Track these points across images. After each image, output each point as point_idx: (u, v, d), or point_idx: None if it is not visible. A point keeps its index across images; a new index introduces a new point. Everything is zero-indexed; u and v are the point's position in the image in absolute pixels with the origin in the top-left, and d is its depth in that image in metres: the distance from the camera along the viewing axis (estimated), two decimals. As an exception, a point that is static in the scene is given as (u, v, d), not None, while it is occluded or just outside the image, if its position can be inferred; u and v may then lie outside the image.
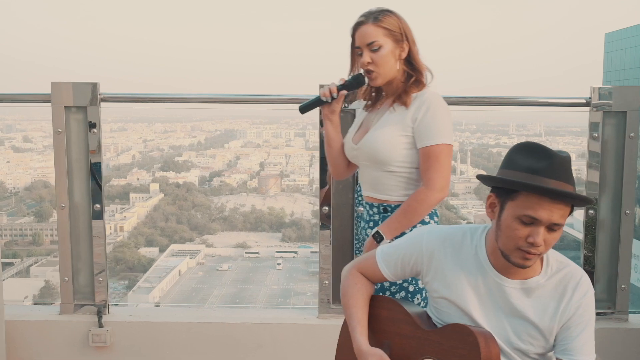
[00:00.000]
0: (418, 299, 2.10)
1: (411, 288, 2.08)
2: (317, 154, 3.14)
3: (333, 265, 3.12)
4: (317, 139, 2.98)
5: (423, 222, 2.12)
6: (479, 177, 1.66)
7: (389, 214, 2.13)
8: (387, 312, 1.80)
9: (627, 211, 3.05)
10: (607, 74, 46.34)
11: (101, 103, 3.03)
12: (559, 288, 1.63)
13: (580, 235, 3.13)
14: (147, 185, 21.11)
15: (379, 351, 1.71)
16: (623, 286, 3.05)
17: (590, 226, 3.08)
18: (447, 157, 2.02)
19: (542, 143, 1.58)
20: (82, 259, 3.09)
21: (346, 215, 3.11)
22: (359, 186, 2.33)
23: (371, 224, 2.20)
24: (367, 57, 2.13)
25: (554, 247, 1.61)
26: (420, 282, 2.08)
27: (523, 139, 1.55)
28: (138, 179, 21.11)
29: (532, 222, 1.51)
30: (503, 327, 1.64)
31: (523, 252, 1.54)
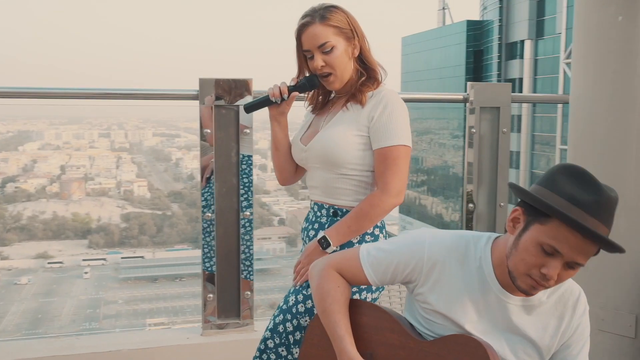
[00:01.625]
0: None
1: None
2: (124, 155, 2.83)
3: (218, 278, 2.85)
4: (124, 140, 2.68)
5: (373, 235, 1.96)
6: (513, 186, 1.52)
7: (338, 218, 1.94)
8: (367, 319, 1.60)
9: (502, 204, 3.18)
10: (405, 75, 50.07)
11: None
12: (559, 306, 1.56)
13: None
14: None
15: None
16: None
17: (469, 219, 3.15)
18: (405, 160, 1.89)
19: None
20: None
21: (231, 222, 2.85)
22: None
23: (316, 225, 2.00)
24: (319, 60, 1.93)
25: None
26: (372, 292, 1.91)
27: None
28: None
29: (553, 253, 1.39)
30: (500, 344, 1.53)
31: (533, 280, 1.43)
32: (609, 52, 2.70)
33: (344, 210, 1.94)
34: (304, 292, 1.89)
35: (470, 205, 3.15)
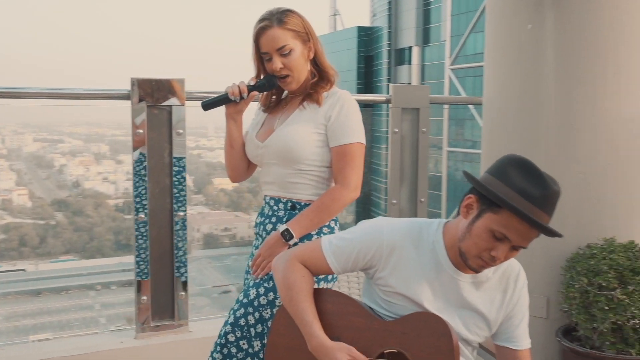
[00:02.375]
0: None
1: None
2: (1, 162, 2.80)
3: (152, 279, 2.82)
4: (1, 145, 2.65)
5: (329, 227, 2.03)
6: (468, 175, 1.63)
7: (297, 211, 2.00)
8: (332, 306, 1.67)
9: (422, 199, 3.36)
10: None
11: None
12: (503, 281, 1.71)
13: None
14: None
15: (344, 345, 1.59)
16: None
17: (395, 215, 3.31)
18: (360, 156, 1.99)
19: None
20: None
21: (164, 223, 2.84)
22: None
23: (273, 219, 2.04)
24: (278, 62, 1.99)
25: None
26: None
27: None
28: None
29: (503, 239, 1.54)
30: (454, 320, 1.66)
31: (483, 261, 1.57)
32: (520, 57, 2.94)
33: (302, 203, 2.01)
34: (265, 284, 1.94)
35: (394, 200, 3.30)
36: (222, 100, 2.09)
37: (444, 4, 36.33)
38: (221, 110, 2.12)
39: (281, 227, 1.96)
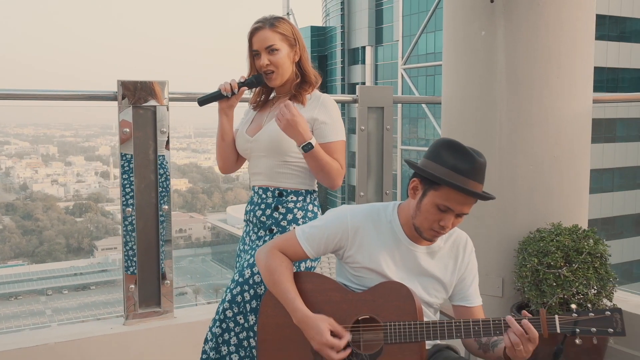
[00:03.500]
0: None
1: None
2: None
3: (139, 269, 3.00)
4: None
5: (313, 213, 2.27)
6: (409, 162, 1.90)
7: (284, 198, 2.24)
8: (312, 285, 1.91)
9: (387, 191, 3.63)
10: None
11: None
12: (453, 249, 1.99)
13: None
14: None
15: (324, 316, 1.83)
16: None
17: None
18: (343, 151, 2.25)
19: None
20: None
21: (150, 216, 3.02)
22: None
23: (262, 205, 2.27)
24: (265, 59, 2.24)
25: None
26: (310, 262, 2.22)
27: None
28: None
29: (446, 210, 1.80)
30: (415, 286, 1.92)
31: (434, 232, 1.85)
32: (475, 61, 3.24)
33: (289, 190, 2.26)
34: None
35: (362, 193, 3.56)
36: (215, 96, 2.34)
37: (396, 5, 36.97)
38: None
39: (308, 140, 2.13)
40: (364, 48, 39.38)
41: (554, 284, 2.83)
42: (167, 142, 3.02)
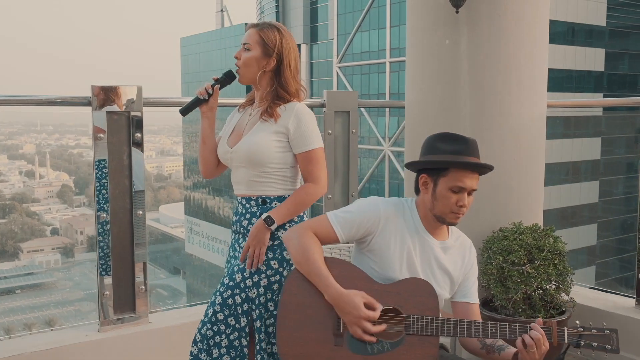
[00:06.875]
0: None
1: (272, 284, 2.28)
2: None
3: (113, 275, 2.99)
4: None
5: (299, 216, 2.33)
6: (411, 163, 2.05)
7: (268, 205, 2.28)
8: (338, 272, 1.97)
9: (353, 193, 3.73)
10: (185, 76, 49.63)
11: None
12: (461, 249, 2.14)
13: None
14: None
15: (357, 291, 1.92)
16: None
17: (331, 208, 3.65)
18: (322, 158, 2.31)
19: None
20: None
21: (124, 221, 3.01)
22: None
23: (248, 215, 2.30)
24: (239, 53, 2.32)
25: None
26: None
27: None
28: None
29: (460, 190, 1.98)
30: (429, 277, 2.05)
31: (455, 214, 2.00)
32: (439, 67, 3.38)
33: (271, 197, 2.30)
34: (250, 269, 2.22)
35: (329, 195, 3.65)
36: (194, 103, 2.38)
37: (330, 3, 37.28)
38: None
39: (263, 215, 2.24)
40: (299, 46, 39.33)
41: (518, 280, 3.00)
42: (142, 146, 3.02)
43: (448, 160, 1.98)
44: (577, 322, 1.93)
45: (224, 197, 43.26)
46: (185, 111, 2.37)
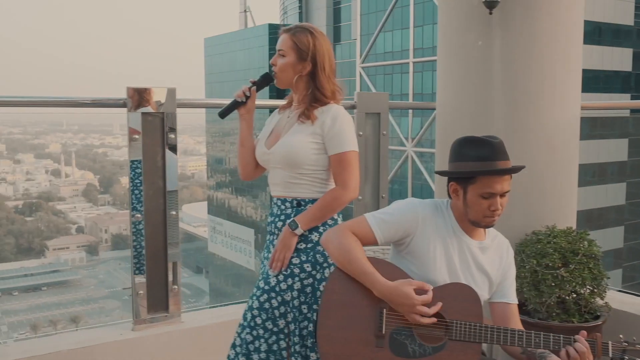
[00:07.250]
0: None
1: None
2: None
3: (147, 274, 3.02)
4: None
5: (333, 219, 2.33)
6: (441, 172, 2.02)
7: (302, 207, 2.29)
8: (381, 272, 1.96)
9: (383, 195, 3.73)
10: (209, 76, 49.93)
11: None
12: (499, 249, 2.14)
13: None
14: None
15: (404, 280, 1.93)
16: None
17: (361, 211, 3.65)
18: (355, 162, 2.30)
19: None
20: None
21: (158, 221, 3.04)
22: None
23: (282, 217, 2.31)
24: (274, 59, 2.34)
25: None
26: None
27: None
28: None
29: (490, 196, 1.96)
30: (468, 278, 2.05)
31: (489, 218, 1.99)
32: (471, 69, 3.36)
33: (307, 200, 2.31)
34: (284, 272, 2.23)
35: (359, 197, 3.65)
36: (232, 105, 2.40)
37: (354, 3, 37.24)
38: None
39: (289, 221, 2.26)
40: (322, 46, 39.50)
41: (552, 284, 2.97)
42: (175, 147, 3.05)
43: (472, 171, 1.96)
44: (621, 336, 1.89)
45: (247, 197, 43.45)
46: (223, 114, 2.39)
